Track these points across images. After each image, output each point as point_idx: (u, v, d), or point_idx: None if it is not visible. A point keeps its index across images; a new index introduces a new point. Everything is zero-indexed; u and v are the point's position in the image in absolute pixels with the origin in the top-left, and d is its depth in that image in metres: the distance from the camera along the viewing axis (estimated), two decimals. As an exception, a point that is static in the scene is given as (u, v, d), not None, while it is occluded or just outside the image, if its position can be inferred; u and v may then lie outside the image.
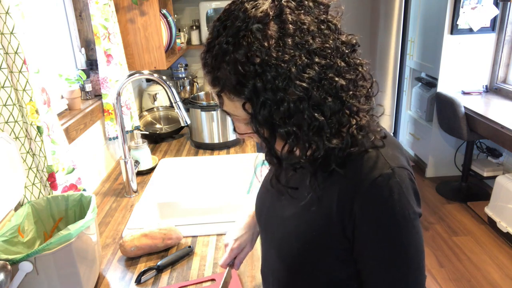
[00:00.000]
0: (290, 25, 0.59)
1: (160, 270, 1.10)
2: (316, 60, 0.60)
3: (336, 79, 0.61)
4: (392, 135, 0.75)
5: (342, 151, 0.65)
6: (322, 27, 0.62)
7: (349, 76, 0.63)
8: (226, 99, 0.65)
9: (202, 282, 1.05)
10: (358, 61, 0.66)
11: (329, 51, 0.61)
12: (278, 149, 0.67)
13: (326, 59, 0.61)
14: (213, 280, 1.05)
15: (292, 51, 0.59)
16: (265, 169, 0.94)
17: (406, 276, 0.66)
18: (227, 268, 0.97)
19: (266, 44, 0.58)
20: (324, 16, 0.63)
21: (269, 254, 0.85)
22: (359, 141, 0.66)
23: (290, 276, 0.77)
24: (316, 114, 0.61)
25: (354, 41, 0.66)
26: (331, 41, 0.61)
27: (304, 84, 0.59)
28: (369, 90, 0.68)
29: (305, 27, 0.60)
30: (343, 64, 0.62)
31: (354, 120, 0.65)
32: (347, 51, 0.63)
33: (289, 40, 0.59)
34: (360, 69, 0.65)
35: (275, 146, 0.66)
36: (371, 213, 0.64)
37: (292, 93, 0.59)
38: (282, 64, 0.58)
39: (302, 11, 0.61)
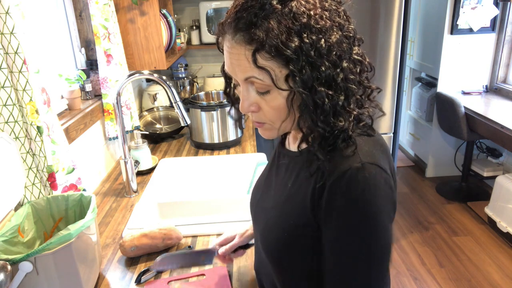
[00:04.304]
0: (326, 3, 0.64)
1: (160, 270, 1.10)
2: (344, 39, 0.64)
3: (357, 57, 0.66)
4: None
5: (333, 136, 0.67)
6: (343, 15, 0.66)
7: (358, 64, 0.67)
8: (260, 58, 0.62)
9: (192, 276, 1.06)
10: (361, 52, 0.69)
11: (351, 35, 0.66)
12: (285, 125, 0.69)
13: (348, 40, 0.65)
14: (202, 275, 1.06)
15: (329, 22, 0.62)
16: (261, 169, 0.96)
17: (366, 272, 0.65)
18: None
19: (312, 7, 0.61)
20: (338, 6, 0.66)
21: (257, 247, 0.89)
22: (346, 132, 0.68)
23: (273, 267, 0.78)
24: (349, 85, 0.64)
25: (357, 34, 0.69)
26: (351, 28, 0.66)
27: (339, 54, 0.63)
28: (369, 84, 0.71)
29: (333, 7, 0.65)
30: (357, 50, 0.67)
31: (356, 108, 0.67)
32: (356, 42, 0.68)
33: (327, 13, 0.62)
34: (366, 60, 0.69)
35: (286, 120, 0.68)
36: (335, 205, 0.64)
37: (331, 60, 0.62)
38: (325, 30, 0.61)
39: None
